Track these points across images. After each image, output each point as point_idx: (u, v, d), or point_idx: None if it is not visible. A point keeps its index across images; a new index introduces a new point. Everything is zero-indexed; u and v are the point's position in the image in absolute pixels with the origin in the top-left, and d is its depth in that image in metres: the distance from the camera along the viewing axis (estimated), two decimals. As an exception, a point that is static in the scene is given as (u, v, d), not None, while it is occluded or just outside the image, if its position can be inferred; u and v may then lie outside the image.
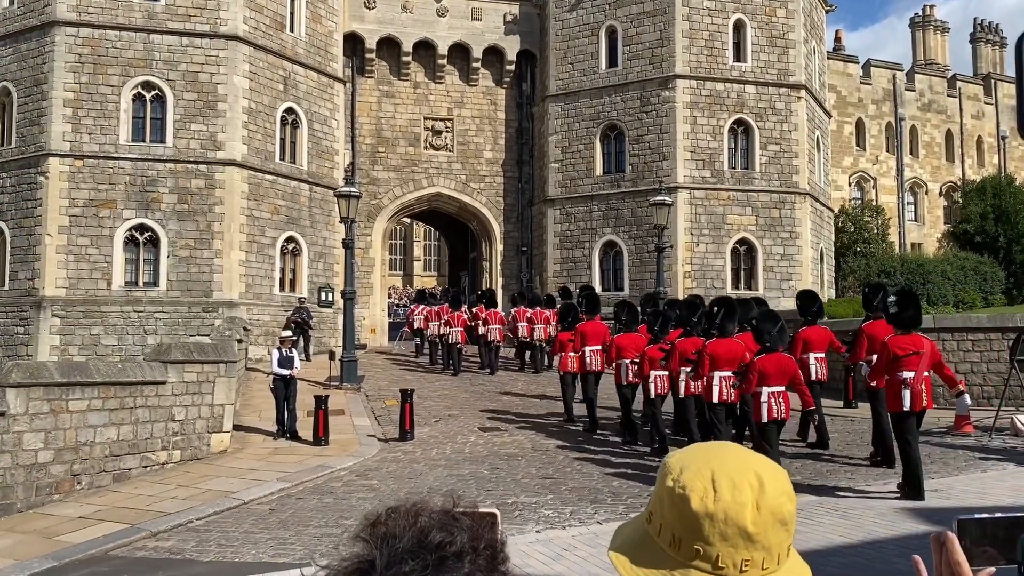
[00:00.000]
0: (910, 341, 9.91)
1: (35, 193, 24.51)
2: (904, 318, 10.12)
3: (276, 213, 26.85)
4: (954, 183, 41.96)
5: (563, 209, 30.77)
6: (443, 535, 1.02)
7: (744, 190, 29.11)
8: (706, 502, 1.12)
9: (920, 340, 10.00)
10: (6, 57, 25.60)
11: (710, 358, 11.53)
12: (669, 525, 1.15)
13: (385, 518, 1.06)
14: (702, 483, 1.13)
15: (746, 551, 1.12)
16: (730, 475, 1.14)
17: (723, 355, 11.50)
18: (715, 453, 1.19)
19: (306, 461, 13.35)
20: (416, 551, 1.00)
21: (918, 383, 9.70)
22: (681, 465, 1.17)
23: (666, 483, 1.16)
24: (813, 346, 13.19)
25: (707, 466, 1.15)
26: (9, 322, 24.51)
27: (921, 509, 9.26)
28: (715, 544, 1.12)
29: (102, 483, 12.24)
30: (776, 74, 29.78)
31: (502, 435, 15.11)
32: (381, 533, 1.03)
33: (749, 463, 1.17)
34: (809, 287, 29.27)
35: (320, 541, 9.06)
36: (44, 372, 12.06)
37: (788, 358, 10.65)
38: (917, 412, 9.86)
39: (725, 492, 1.12)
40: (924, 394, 9.77)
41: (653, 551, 1.16)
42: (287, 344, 15.97)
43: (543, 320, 22.22)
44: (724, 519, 1.11)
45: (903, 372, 9.73)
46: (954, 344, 17.61)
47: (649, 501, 1.22)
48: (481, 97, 32.77)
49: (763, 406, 10.12)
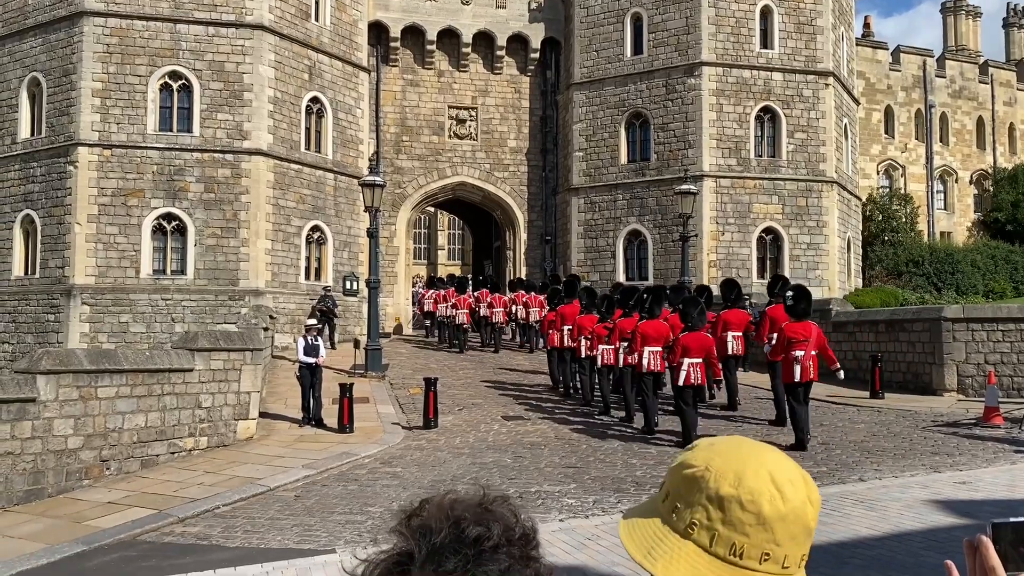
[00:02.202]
0: (802, 328, 12.54)
1: (65, 182, 24.82)
2: (798, 310, 12.78)
3: (301, 202, 27.00)
4: (985, 171, 41.28)
5: (587, 198, 30.66)
6: (480, 529, 1.02)
7: (770, 178, 28.83)
8: (776, 505, 1.12)
9: (809, 327, 12.61)
10: (36, 48, 25.90)
11: (641, 336, 13.68)
12: (729, 533, 1.12)
13: (420, 511, 1.06)
14: (767, 487, 1.12)
15: (805, 546, 1.15)
16: (786, 475, 1.14)
17: (651, 333, 13.71)
18: (754, 453, 1.17)
19: (331, 448, 13.44)
20: (455, 546, 1.00)
21: (807, 360, 12.26)
22: (733, 471, 1.14)
23: (723, 490, 1.13)
24: (732, 326, 15.71)
25: (763, 468, 1.14)
26: (40, 310, 24.89)
27: (949, 501, 9.16)
28: (784, 545, 1.12)
29: (130, 469, 12.40)
30: (804, 61, 29.42)
31: (525, 424, 15.13)
32: (417, 526, 1.04)
33: (787, 460, 1.18)
34: (836, 276, 29.06)
35: (345, 528, 9.13)
36: (73, 359, 12.22)
37: (707, 336, 13.13)
38: (804, 383, 12.32)
39: (790, 493, 1.13)
40: (811, 369, 12.32)
41: (708, 565, 1.13)
42: (313, 332, 16.08)
43: (537, 304, 23.74)
44: (794, 519, 1.12)
45: (795, 352, 12.31)
46: (983, 334, 17.35)
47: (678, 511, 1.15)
48: (505, 85, 32.68)
49: (682, 373, 12.55)
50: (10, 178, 26.16)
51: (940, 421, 14.70)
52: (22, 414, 11.15)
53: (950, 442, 12.90)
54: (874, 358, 17.75)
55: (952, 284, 32.23)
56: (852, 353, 19.91)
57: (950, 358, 17.43)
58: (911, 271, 33.04)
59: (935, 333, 17.68)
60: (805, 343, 12.32)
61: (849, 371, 19.74)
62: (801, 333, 12.39)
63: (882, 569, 6.85)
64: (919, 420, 14.89)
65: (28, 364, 11.83)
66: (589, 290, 18.17)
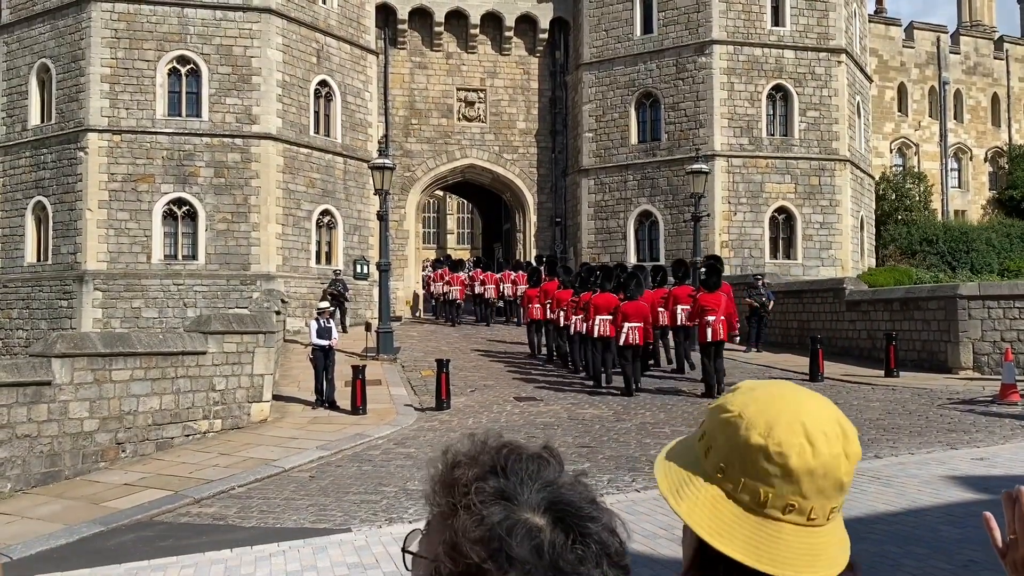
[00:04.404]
0: (713, 298, 15.31)
1: (75, 168, 24.85)
2: (710, 283, 15.67)
3: (311, 186, 26.97)
4: (1000, 148, 40.84)
5: (597, 179, 30.50)
6: (600, 530, 1.01)
7: (783, 157, 28.61)
8: (805, 458, 1.09)
9: (719, 297, 15.31)
10: (44, 34, 25.88)
11: (593, 307, 16.07)
12: (754, 481, 1.11)
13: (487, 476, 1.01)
14: (797, 439, 1.09)
15: (836, 499, 1.12)
16: (820, 428, 1.11)
17: (602, 304, 16.01)
18: (794, 403, 1.13)
19: (345, 430, 13.47)
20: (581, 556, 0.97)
21: (716, 324, 15.01)
22: (766, 419, 1.11)
23: (752, 440, 1.10)
24: (680, 300, 17.80)
25: (797, 420, 1.11)
26: (53, 296, 25.00)
27: (967, 477, 9.09)
28: (811, 498, 1.10)
29: (146, 451, 12.47)
30: (816, 38, 29.11)
31: (537, 405, 15.13)
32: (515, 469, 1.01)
33: (826, 410, 1.14)
34: (849, 256, 28.87)
35: (360, 507, 9.14)
36: (88, 342, 12.26)
37: (643, 304, 15.63)
38: (715, 342, 15.02)
39: (822, 446, 1.09)
40: (721, 332, 15.03)
41: (732, 510, 1.12)
42: (326, 315, 16.09)
43: (524, 282, 25.08)
44: (824, 474, 1.09)
45: (708, 317, 15.11)
46: (1000, 312, 17.20)
47: (711, 451, 1.14)
48: (514, 67, 32.50)
49: (623, 335, 15.25)
50: (21, 165, 26.21)
51: (956, 399, 14.60)
52: (38, 397, 11.21)
53: (967, 419, 12.82)
54: (888, 336, 17.63)
55: (967, 263, 31.98)
56: (866, 332, 19.81)
57: (966, 336, 17.29)
58: (925, 250, 32.81)
59: (950, 311, 17.53)
60: (715, 311, 15.07)
61: (863, 350, 19.74)
62: (712, 302, 15.19)
63: (900, 543, 6.80)
64: (935, 398, 14.80)
65: (43, 348, 11.89)
66: (566, 268, 21.69)
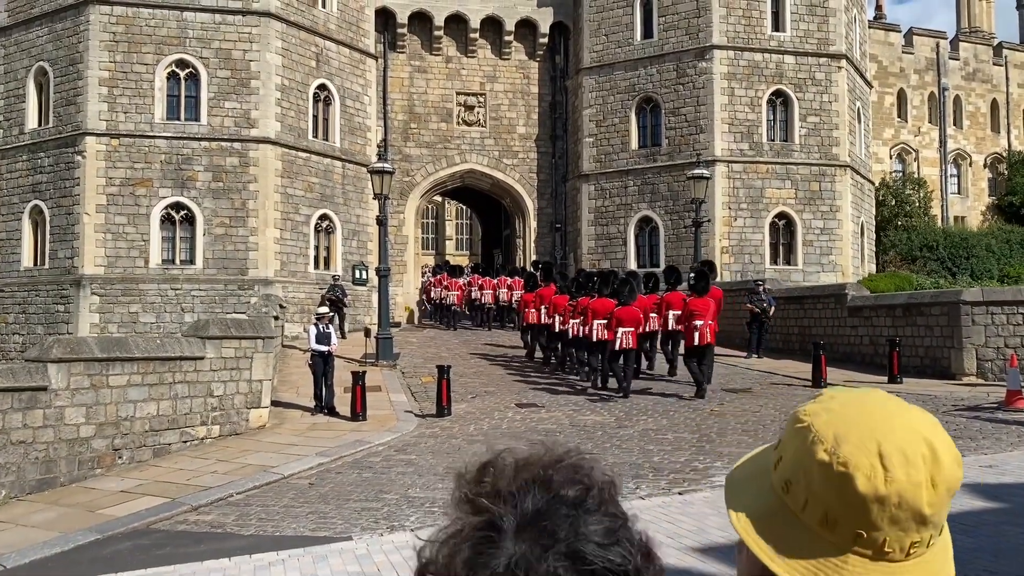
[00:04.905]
0: (702, 303, 15.58)
1: (73, 172, 24.71)
2: (698, 288, 15.89)
3: (309, 191, 26.85)
4: (999, 154, 40.83)
5: (598, 184, 30.41)
6: (577, 489, 0.89)
7: (783, 163, 28.54)
8: (875, 483, 0.91)
9: (708, 302, 15.63)
10: (42, 37, 25.77)
11: (592, 312, 16.36)
12: (820, 502, 0.94)
13: (485, 474, 0.92)
14: (868, 459, 0.92)
15: (917, 533, 0.93)
16: (900, 448, 0.92)
17: (600, 309, 16.22)
18: (874, 416, 0.96)
19: (344, 436, 13.32)
20: (556, 508, 0.87)
21: (704, 329, 15.26)
22: (835, 433, 0.94)
23: (817, 455, 0.94)
24: (672, 306, 17.74)
25: (871, 437, 0.93)
26: (50, 300, 24.83)
27: (976, 485, 8.96)
28: (883, 529, 0.92)
29: (143, 457, 12.30)
30: (816, 44, 29.08)
31: (539, 412, 14.98)
32: (496, 492, 0.89)
33: (916, 427, 0.95)
34: (849, 261, 28.79)
35: (361, 515, 8.99)
36: (84, 347, 12.11)
37: (636, 310, 15.80)
38: (702, 346, 15.39)
39: (898, 471, 0.91)
40: (709, 336, 15.32)
41: (796, 530, 0.95)
42: (325, 320, 15.94)
43: (520, 287, 25.37)
44: (897, 503, 0.91)
45: (696, 321, 15.33)
46: (1003, 317, 17.09)
47: (781, 463, 0.99)
48: (514, 71, 32.42)
49: (618, 340, 15.43)
50: (18, 168, 26.07)
51: (961, 405, 14.47)
52: (34, 403, 11.05)
53: (973, 426, 12.69)
54: (892, 342, 17.48)
55: (967, 269, 31.89)
56: (869, 338, 19.68)
57: (969, 342, 17.17)
58: (925, 256, 32.72)
59: (953, 317, 17.42)
60: (703, 315, 15.38)
61: (865, 356, 19.61)
62: (701, 307, 15.54)
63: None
64: (939, 404, 14.66)
65: (39, 352, 11.73)
66: (562, 274, 22.51)
